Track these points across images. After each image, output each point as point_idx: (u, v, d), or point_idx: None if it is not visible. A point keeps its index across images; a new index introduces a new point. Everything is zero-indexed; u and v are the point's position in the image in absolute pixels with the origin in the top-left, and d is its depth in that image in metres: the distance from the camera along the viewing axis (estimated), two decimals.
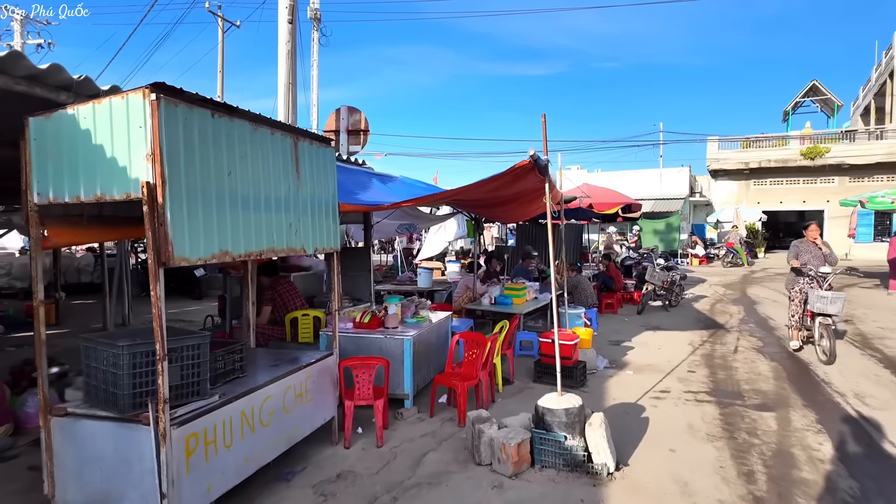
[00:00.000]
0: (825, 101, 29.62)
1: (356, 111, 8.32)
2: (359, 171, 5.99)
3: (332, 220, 3.97)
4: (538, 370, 5.79)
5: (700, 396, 5.27)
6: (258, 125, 3.19)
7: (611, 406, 5.01)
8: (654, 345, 7.59)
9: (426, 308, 5.70)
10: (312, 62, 19.00)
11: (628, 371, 6.22)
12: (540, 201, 5.56)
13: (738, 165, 26.72)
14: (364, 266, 6.64)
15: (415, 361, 4.75)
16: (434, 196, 4.13)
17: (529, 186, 4.39)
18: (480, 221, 8.14)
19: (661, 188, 25.86)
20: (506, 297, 7.43)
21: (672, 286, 10.90)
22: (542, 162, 3.51)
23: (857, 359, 6.65)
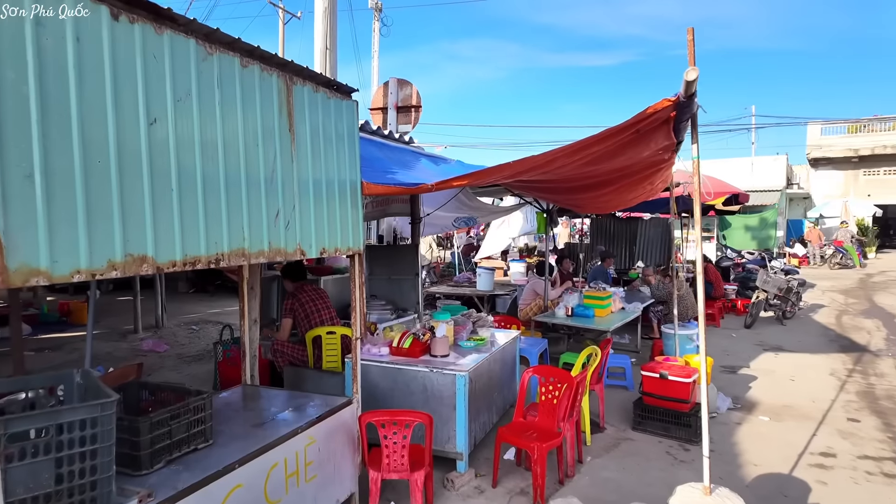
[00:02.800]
0: None
1: (407, 84, 7.08)
2: (403, 149, 4.74)
3: (353, 208, 2.70)
4: (639, 413, 4.29)
5: (886, 467, 3.60)
6: (214, 47, 1.95)
7: (755, 479, 3.46)
8: (783, 374, 5.84)
9: (487, 326, 4.34)
10: (373, 53, 18.05)
11: (761, 416, 4.58)
12: (649, 183, 4.04)
13: (846, 152, 23.38)
14: (411, 268, 5.38)
15: (471, 406, 3.42)
16: (500, 168, 2.76)
17: (643, 157, 2.93)
18: (554, 213, 6.70)
19: (752, 179, 22.99)
20: (586, 308, 5.96)
21: (788, 294, 8.91)
22: (692, 107, 2.06)
23: None
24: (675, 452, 3.83)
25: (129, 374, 3.41)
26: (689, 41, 2.00)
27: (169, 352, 6.92)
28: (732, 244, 18.82)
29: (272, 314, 5.37)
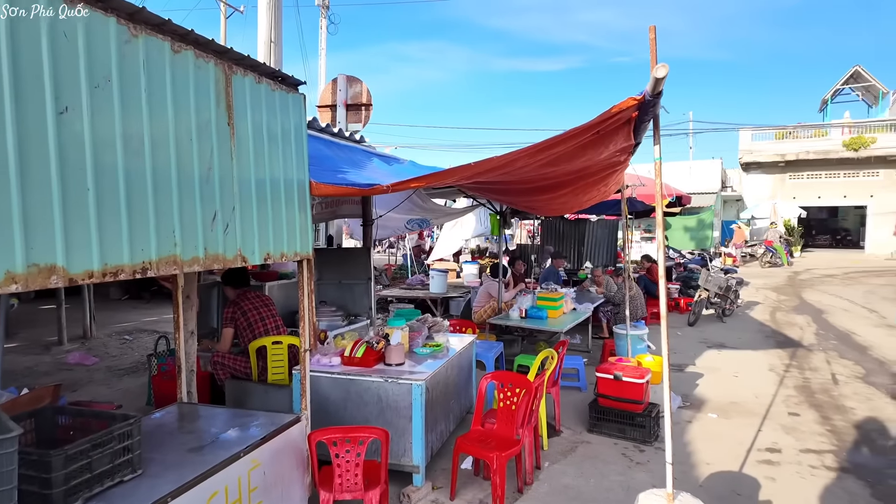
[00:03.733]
0: (868, 89, 27.57)
1: (357, 81, 6.86)
2: (354, 148, 4.54)
3: (300, 210, 2.51)
4: (594, 415, 4.29)
5: (828, 461, 3.74)
6: (139, 28, 1.73)
7: (708, 478, 3.50)
8: (728, 370, 6.05)
9: (443, 331, 4.22)
10: (320, 51, 17.58)
11: (710, 413, 4.69)
12: (604, 185, 4.04)
13: (774, 157, 24.84)
14: (363, 272, 5.18)
15: (429, 415, 3.28)
16: (461, 169, 2.64)
17: (601, 159, 2.89)
18: (507, 214, 6.67)
19: (691, 181, 24.06)
20: (539, 309, 5.94)
21: (728, 292, 9.31)
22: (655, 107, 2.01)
23: None
24: (630, 454, 3.84)
25: (43, 398, 3.05)
26: (652, 39, 1.95)
27: (98, 365, 6.39)
28: (673, 245, 19.61)
29: (212, 324, 5.03)
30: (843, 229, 30.08)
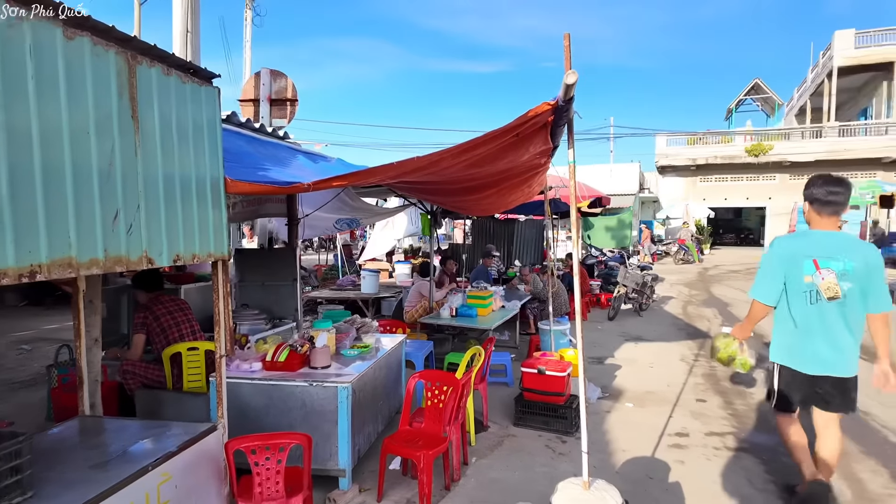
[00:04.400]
0: (766, 100, 30.27)
1: (281, 76, 6.64)
2: (277, 144, 4.39)
3: (214, 209, 2.39)
4: (520, 409, 4.41)
5: (729, 442, 4.07)
6: (25, 11, 1.58)
7: (624, 464, 3.70)
8: (644, 361, 6.43)
9: (372, 331, 4.18)
10: (245, 43, 16.82)
11: (627, 403, 4.97)
12: (527, 186, 4.17)
13: (686, 162, 26.71)
14: (289, 272, 5.02)
15: (355, 418, 3.24)
16: (385, 168, 2.62)
17: (523, 161, 2.99)
18: (438, 214, 6.71)
19: (612, 183, 25.34)
20: (469, 308, 6.04)
21: (644, 288, 9.90)
22: (569, 112, 2.10)
23: None
24: (553, 445, 3.99)
25: None
26: (566, 46, 2.04)
27: None
28: (595, 243, 20.56)
29: (123, 330, 4.70)
30: (746, 228, 32.84)
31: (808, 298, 2.83)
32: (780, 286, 2.92)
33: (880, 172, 22.56)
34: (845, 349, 2.83)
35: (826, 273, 2.77)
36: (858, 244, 2.87)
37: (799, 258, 2.85)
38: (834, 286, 2.76)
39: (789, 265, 2.88)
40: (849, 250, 2.79)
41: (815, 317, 2.83)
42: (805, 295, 2.84)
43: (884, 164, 22.58)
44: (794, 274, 2.86)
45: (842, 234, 2.91)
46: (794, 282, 2.87)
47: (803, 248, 2.87)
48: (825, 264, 2.78)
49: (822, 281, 2.78)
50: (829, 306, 2.79)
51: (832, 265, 2.77)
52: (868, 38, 23.16)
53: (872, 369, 2.87)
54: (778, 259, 2.92)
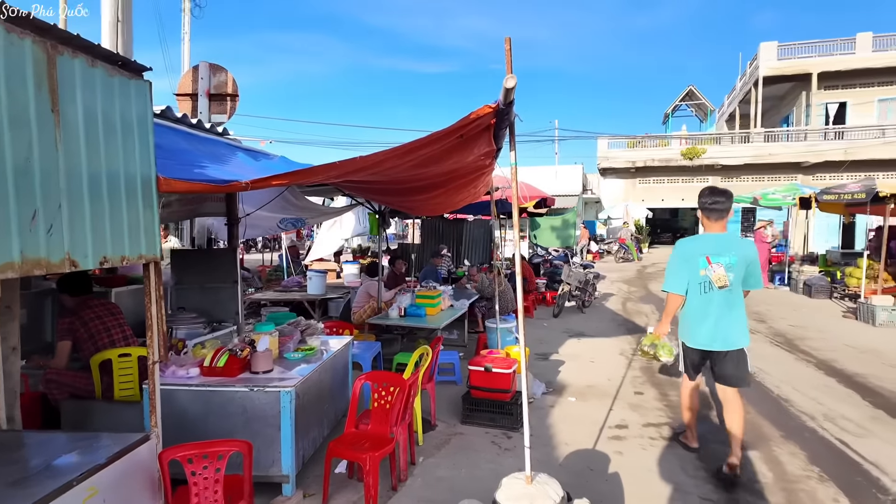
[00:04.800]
0: (699, 106, 31.94)
1: (221, 70, 6.38)
2: (216, 141, 4.22)
3: (145, 208, 2.28)
4: (467, 406, 4.46)
5: (664, 432, 4.28)
6: None
7: (567, 457, 3.82)
8: (586, 357, 6.64)
9: (317, 334, 4.11)
10: (183, 35, 16.05)
11: (570, 397, 5.12)
12: (473, 186, 4.22)
13: (626, 164, 27.76)
14: (229, 274, 4.85)
15: (299, 423, 3.17)
16: (327, 168, 2.58)
17: (468, 162, 3.02)
18: (386, 214, 6.66)
19: (556, 184, 26.02)
20: (418, 307, 6.04)
21: (586, 286, 10.23)
22: (510, 115, 2.15)
23: (798, 367, 6.18)
24: (499, 441, 4.06)
25: None
26: (507, 50, 2.08)
27: None
28: (541, 243, 21.08)
29: (46, 338, 4.39)
30: (682, 228, 34.53)
31: (702, 288, 3.45)
32: (685, 279, 3.51)
33: (800, 176, 24.29)
34: (733, 328, 3.45)
35: (717, 267, 3.39)
36: (739, 241, 3.54)
37: (695, 256, 3.46)
38: (723, 277, 3.38)
39: (689, 261, 3.48)
40: (732, 247, 3.42)
41: (708, 303, 3.45)
42: (699, 286, 3.45)
43: (803, 168, 24.34)
44: (692, 269, 3.47)
45: (726, 235, 3.53)
46: (692, 275, 3.47)
47: (698, 247, 3.49)
48: (716, 259, 3.39)
49: (713, 273, 3.40)
50: (719, 293, 3.41)
51: (721, 260, 3.38)
52: (789, 51, 24.91)
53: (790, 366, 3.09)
54: (680, 258, 3.55)
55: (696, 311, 3.50)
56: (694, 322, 3.53)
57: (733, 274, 3.38)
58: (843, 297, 11.03)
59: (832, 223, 19.77)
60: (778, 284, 13.35)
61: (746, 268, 3.42)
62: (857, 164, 22.72)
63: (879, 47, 23.21)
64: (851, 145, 23.07)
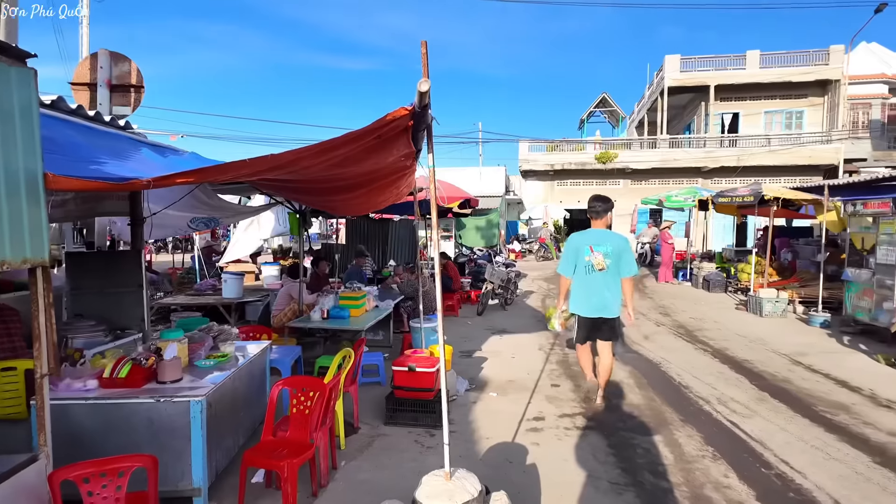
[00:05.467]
0: (612, 113, 33.84)
1: (124, 59, 5.93)
2: (117, 135, 3.92)
3: (31, 206, 2.08)
4: (391, 407, 4.46)
5: (578, 422, 4.51)
6: None
7: (487, 451, 3.93)
8: (507, 353, 6.86)
9: (232, 339, 3.94)
10: (81, 18, 14.68)
11: (491, 392, 5.26)
12: (395, 187, 4.21)
13: (545, 167, 28.84)
14: (133, 277, 4.53)
15: (212, 433, 3.03)
16: (236, 166, 2.48)
17: (389, 163, 3.02)
18: (307, 214, 6.49)
19: (481, 185, 26.56)
20: (342, 309, 5.95)
21: (509, 284, 10.55)
22: (426, 118, 2.17)
23: (696, 355, 6.74)
24: (423, 440, 4.09)
25: None
26: (423, 54, 2.10)
27: None
28: (467, 243, 21.46)
29: None
30: None
31: (587, 270, 4.58)
32: (573, 265, 4.65)
33: (700, 180, 26.40)
34: (608, 301, 4.57)
35: (597, 254, 4.53)
36: (614, 236, 4.68)
37: (582, 246, 4.62)
38: (602, 262, 4.52)
39: (577, 251, 4.63)
40: (609, 240, 4.59)
41: (591, 281, 4.57)
42: (585, 268, 4.58)
43: (703, 172, 26.47)
44: (579, 256, 4.60)
45: (605, 231, 4.69)
46: (579, 261, 4.61)
47: (584, 240, 4.66)
48: (597, 249, 4.54)
49: (595, 259, 4.53)
50: (599, 274, 4.54)
51: (600, 249, 4.53)
52: (690, 64, 26.99)
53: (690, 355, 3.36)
54: (571, 248, 4.72)
55: (582, 288, 4.63)
56: (582, 296, 4.65)
57: (610, 260, 4.50)
58: (736, 291, 12.14)
59: (728, 223, 21.67)
60: (681, 280, 14.46)
61: (620, 256, 4.52)
62: (748, 170, 25.06)
63: (765, 64, 25.73)
64: (743, 152, 25.40)
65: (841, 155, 23.82)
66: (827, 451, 3.91)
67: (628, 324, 4.86)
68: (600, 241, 4.56)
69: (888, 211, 7.44)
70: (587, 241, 4.62)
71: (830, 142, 24.40)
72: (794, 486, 3.40)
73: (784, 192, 10.57)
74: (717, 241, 21.34)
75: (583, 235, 4.72)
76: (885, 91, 25.33)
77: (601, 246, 4.53)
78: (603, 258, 4.50)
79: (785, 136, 25.54)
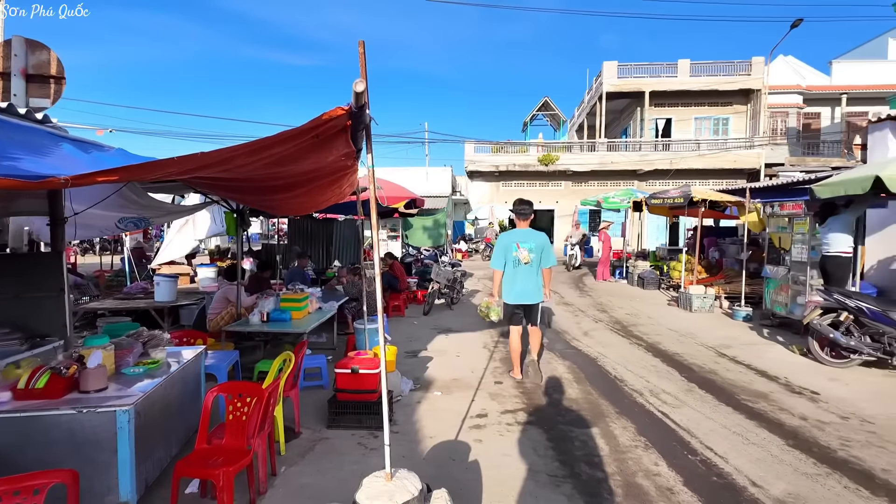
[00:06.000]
0: (553, 116, 34.78)
1: (42, 47, 5.51)
2: (34, 129, 3.64)
3: None
4: (334, 410, 4.40)
5: (520, 417, 4.62)
6: None
7: (431, 450, 3.95)
8: (452, 352, 6.92)
9: (163, 345, 3.76)
10: None
11: (436, 392, 5.30)
12: (337, 187, 4.15)
13: (490, 168, 29.28)
14: (53, 281, 4.23)
15: (140, 444, 2.88)
16: (164, 164, 2.37)
17: (329, 162, 2.98)
18: (245, 213, 6.28)
19: (427, 185, 26.62)
20: (283, 312, 5.81)
21: (455, 283, 10.64)
22: (364, 118, 2.16)
23: (631, 350, 7.05)
24: (366, 442, 4.07)
25: None
26: (361, 53, 2.10)
27: None
28: (413, 242, 21.45)
29: None
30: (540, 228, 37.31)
31: (514, 264, 5.41)
32: (503, 260, 5.46)
33: (636, 182, 27.60)
34: (531, 290, 5.43)
35: (523, 250, 5.37)
36: (536, 234, 5.48)
37: (510, 243, 5.44)
38: (527, 256, 5.36)
39: (506, 248, 5.45)
40: (532, 238, 5.44)
41: (517, 274, 5.42)
42: (513, 262, 5.41)
43: (638, 175, 27.69)
44: (508, 251, 5.43)
45: (529, 230, 5.50)
46: (508, 255, 5.43)
47: (512, 238, 5.48)
48: (522, 245, 5.39)
49: (521, 254, 5.36)
50: (524, 267, 5.39)
51: (525, 245, 5.39)
52: (627, 70, 28.16)
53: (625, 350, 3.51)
54: (501, 246, 5.51)
55: (510, 279, 5.45)
56: (508, 286, 5.47)
57: (534, 255, 5.36)
58: (668, 288, 12.80)
59: (661, 223, 22.86)
60: (618, 278, 15.08)
61: (542, 251, 5.40)
62: (680, 173, 26.46)
63: (695, 73, 27.24)
64: (675, 156, 26.78)
65: (762, 160, 25.60)
66: (747, 436, 4.20)
67: (546, 300, 5.59)
68: (525, 239, 5.42)
69: (801, 212, 8.07)
70: (514, 239, 5.45)
71: (753, 147, 26.17)
72: (716, 470, 3.64)
73: (711, 195, 11.24)
74: (651, 240, 22.43)
75: (511, 234, 5.54)
76: (800, 101, 27.44)
77: (526, 243, 5.39)
78: (528, 253, 5.35)
79: (713, 142, 27.12)
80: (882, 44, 28.59)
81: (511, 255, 5.39)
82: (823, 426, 4.41)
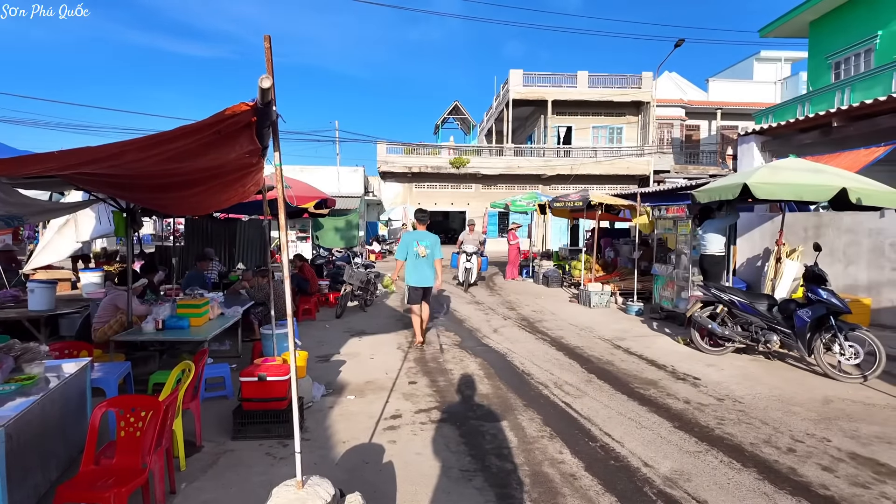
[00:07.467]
0: (463, 120, 35.53)
1: None
2: None
3: None
4: (239, 421, 4.19)
5: (433, 416, 4.69)
6: None
7: (344, 455, 3.90)
8: (366, 354, 6.85)
9: (40, 358, 3.37)
10: None
11: (349, 396, 5.22)
12: (241, 185, 3.94)
13: (403, 169, 29.32)
14: None
15: (14, 469, 2.57)
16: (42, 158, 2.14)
17: (231, 159, 2.83)
18: (136, 213, 5.77)
19: (339, 185, 26.09)
20: (180, 318, 5.43)
21: (368, 285, 10.53)
22: (270, 115, 2.07)
23: (537, 345, 7.40)
24: (274, 451, 3.92)
25: None
26: (267, 48, 2.03)
27: None
28: (325, 244, 20.92)
29: None
30: (452, 229, 38.00)
31: (416, 257, 7.09)
32: (406, 253, 7.14)
33: (540, 186, 28.99)
34: (428, 276, 7.16)
35: (421, 247, 7.07)
36: (431, 235, 7.24)
37: (412, 241, 7.14)
38: (424, 251, 7.06)
39: (408, 244, 7.14)
40: (428, 237, 7.17)
41: (418, 265, 7.12)
42: (414, 255, 7.09)
43: (543, 179, 29.09)
44: (410, 248, 7.11)
45: (425, 232, 7.26)
46: (410, 251, 7.11)
47: (413, 237, 7.18)
48: (420, 243, 7.10)
49: (420, 250, 7.06)
50: (422, 259, 7.09)
51: (423, 243, 7.09)
52: (531, 79, 29.47)
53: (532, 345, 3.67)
54: (404, 243, 7.19)
55: (413, 269, 7.14)
56: (412, 274, 7.15)
57: (429, 250, 7.09)
58: (570, 286, 13.57)
59: (563, 225, 24.11)
60: (525, 277, 15.74)
61: (434, 248, 7.14)
62: (580, 178, 28.13)
63: (593, 84, 29.12)
64: (575, 162, 28.45)
65: (651, 167, 27.90)
66: (639, 421, 4.58)
67: (436, 289, 7.41)
68: (423, 238, 7.18)
69: (683, 216, 8.93)
70: (415, 238, 7.19)
71: (643, 155, 28.46)
72: (614, 454, 3.93)
73: (606, 199, 12.08)
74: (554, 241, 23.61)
75: (412, 234, 7.27)
76: (683, 114, 30.28)
77: (423, 241, 7.14)
78: (425, 249, 7.08)
79: (608, 149, 29.16)
80: (749, 66, 32.34)
81: (413, 250, 7.10)
82: (703, 408, 4.92)
